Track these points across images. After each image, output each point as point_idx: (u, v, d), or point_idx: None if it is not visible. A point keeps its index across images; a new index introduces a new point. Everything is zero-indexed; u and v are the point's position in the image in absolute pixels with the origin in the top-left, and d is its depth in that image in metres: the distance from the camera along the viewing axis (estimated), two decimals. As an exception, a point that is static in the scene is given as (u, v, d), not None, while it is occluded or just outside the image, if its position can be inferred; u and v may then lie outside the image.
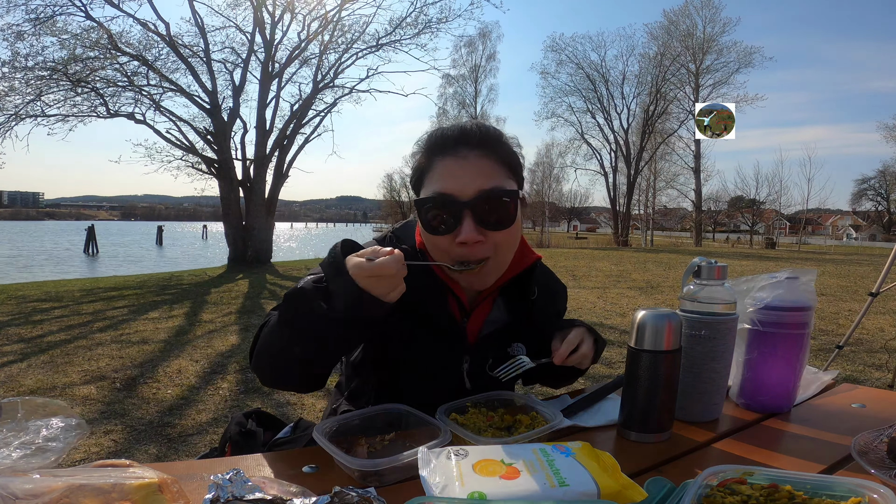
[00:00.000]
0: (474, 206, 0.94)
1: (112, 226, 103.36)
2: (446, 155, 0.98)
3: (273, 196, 14.52)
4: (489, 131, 1.01)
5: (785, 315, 1.05)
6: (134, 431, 3.14)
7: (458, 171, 0.96)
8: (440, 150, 0.99)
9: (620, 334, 5.82)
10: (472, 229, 0.93)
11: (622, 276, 12.09)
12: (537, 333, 1.11)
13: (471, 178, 0.95)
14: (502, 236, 0.97)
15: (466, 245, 0.94)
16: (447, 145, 0.99)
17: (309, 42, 14.50)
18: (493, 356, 1.08)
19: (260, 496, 0.65)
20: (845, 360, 4.76)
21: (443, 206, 0.95)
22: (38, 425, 0.69)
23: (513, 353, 1.08)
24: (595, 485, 0.67)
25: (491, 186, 0.95)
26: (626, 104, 37.04)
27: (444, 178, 0.96)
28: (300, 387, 1.03)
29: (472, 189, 0.94)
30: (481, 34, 34.44)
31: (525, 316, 1.12)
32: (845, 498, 0.65)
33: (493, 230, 0.96)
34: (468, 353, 1.08)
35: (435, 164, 0.99)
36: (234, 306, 7.62)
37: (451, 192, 0.94)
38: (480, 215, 0.94)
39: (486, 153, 0.98)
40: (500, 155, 0.99)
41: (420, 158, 1.03)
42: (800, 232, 46.32)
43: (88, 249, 26.99)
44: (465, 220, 0.94)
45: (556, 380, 1.26)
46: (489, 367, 1.07)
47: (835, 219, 75.08)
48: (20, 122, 12.62)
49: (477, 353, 1.08)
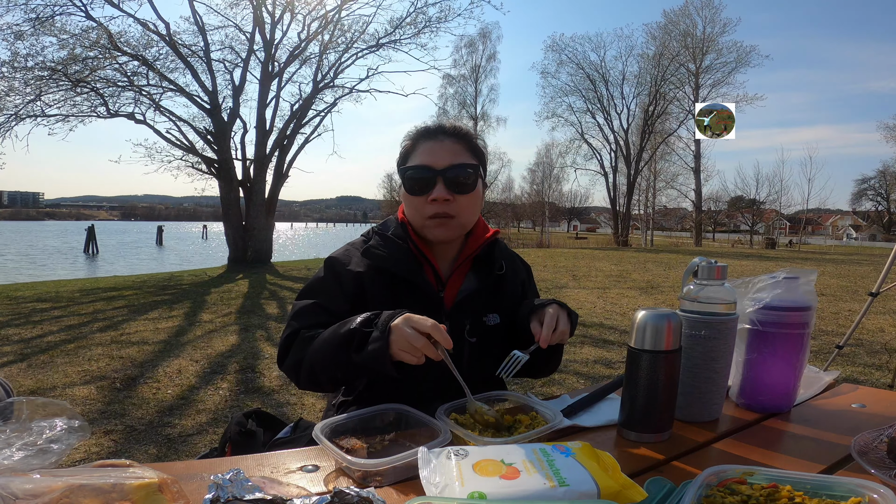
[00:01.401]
0: (445, 173, 1.20)
1: (112, 226, 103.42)
2: (428, 139, 1.25)
3: (273, 196, 14.52)
4: (462, 127, 1.29)
5: (785, 315, 1.05)
6: (134, 431, 3.14)
7: (435, 149, 1.22)
8: (423, 136, 1.26)
9: (620, 334, 5.82)
10: (442, 190, 1.19)
11: (622, 276, 12.09)
12: (509, 302, 1.30)
13: (444, 154, 1.21)
14: (465, 199, 1.22)
15: (437, 202, 1.20)
16: (430, 133, 1.26)
17: (309, 42, 14.50)
18: (468, 321, 1.23)
19: (260, 496, 0.65)
20: (845, 360, 4.76)
21: (422, 172, 1.21)
22: (41, 426, 0.69)
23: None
24: (595, 485, 0.67)
25: (459, 161, 1.21)
26: (626, 104, 37.00)
27: (424, 153, 1.23)
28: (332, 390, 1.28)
29: (445, 162, 1.20)
30: (482, 34, 34.39)
31: (494, 286, 1.29)
32: (845, 498, 0.65)
33: (458, 193, 1.21)
34: (446, 318, 1.21)
35: (418, 146, 1.25)
36: (234, 306, 7.62)
37: (428, 163, 1.21)
38: (450, 180, 1.20)
39: (458, 140, 1.25)
40: (468, 144, 1.26)
41: (407, 144, 1.28)
42: (800, 232, 46.29)
43: (88, 249, 27.00)
44: (438, 184, 1.20)
45: (545, 363, 1.31)
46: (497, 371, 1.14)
47: (835, 219, 75.05)
48: (20, 122, 12.60)
49: (454, 318, 1.22)
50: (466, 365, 1.21)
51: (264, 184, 14.26)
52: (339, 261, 1.25)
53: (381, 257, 1.22)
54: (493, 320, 1.25)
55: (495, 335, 1.25)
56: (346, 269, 1.23)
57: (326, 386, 1.16)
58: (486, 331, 1.24)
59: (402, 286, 1.21)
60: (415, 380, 1.19)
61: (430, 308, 1.19)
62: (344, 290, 1.21)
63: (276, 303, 7.98)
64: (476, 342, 1.22)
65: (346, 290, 1.21)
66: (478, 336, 1.23)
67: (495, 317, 1.26)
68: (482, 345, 1.23)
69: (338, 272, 1.23)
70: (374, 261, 1.22)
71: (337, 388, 1.25)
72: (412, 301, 1.20)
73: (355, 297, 1.20)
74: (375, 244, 1.25)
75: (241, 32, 14.26)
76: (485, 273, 1.28)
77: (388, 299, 1.20)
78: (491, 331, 1.25)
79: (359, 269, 1.23)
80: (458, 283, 1.27)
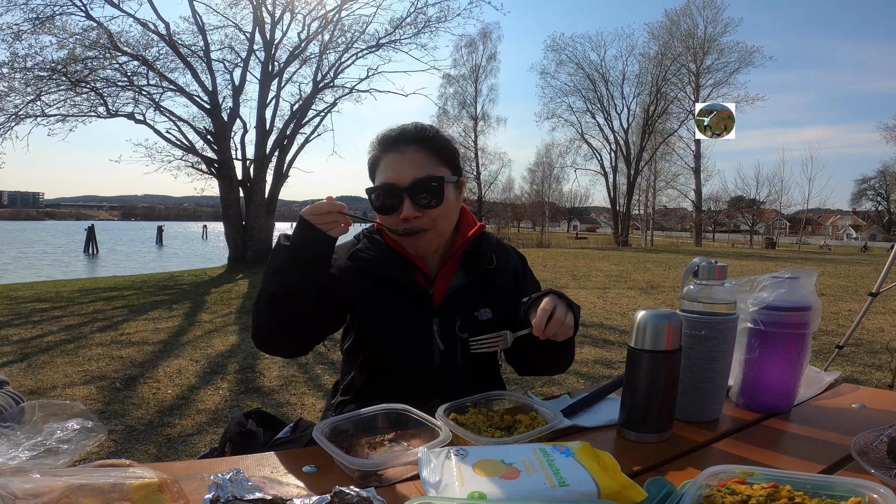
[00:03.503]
0: (410, 190, 1.17)
1: (112, 226, 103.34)
2: (389, 151, 1.22)
3: (273, 196, 14.51)
4: (424, 130, 1.24)
5: (786, 315, 1.05)
6: (134, 431, 3.14)
7: (398, 163, 1.19)
8: (385, 146, 1.23)
9: (620, 334, 5.82)
10: (410, 208, 1.17)
11: (622, 276, 12.08)
12: (501, 296, 1.28)
13: (407, 169, 1.18)
14: (437, 212, 1.19)
15: (407, 220, 1.18)
16: (390, 143, 1.22)
17: (309, 42, 14.50)
18: (459, 317, 1.22)
19: (260, 496, 0.65)
20: (845, 360, 4.76)
21: (387, 193, 1.19)
22: (53, 428, 0.69)
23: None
24: (595, 485, 0.67)
25: (423, 175, 1.18)
26: (626, 104, 37.04)
27: (387, 170, 1.20)
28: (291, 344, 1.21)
29: (409, 177, 1.17)
30: (482, 34, 34.44)
31: (484, 281, 1.27)
32: (845, 498, 0.64)
33: (427, 208, 1.18)
34: (436, 315, 1.22)
35: (382, 158, 1.22)
36: (234, 306, 7.62)
37: (392, 181, 1.18)
38: (416, 197, 1.17)
39: (421, 147, 1.21)
40: (433, 148, 1.22)
41: (374, 152, 1.25)
42: (800, 232, 46.25)
43: (88, 249, 26.99)
44: (405, 202, 1.17)
45: (553, 359, 1.26)
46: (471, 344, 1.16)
47: (835, 219, 75.01)
48: (20, 123, 12.61)
49: (444, 314, 1.22)
50: (460, 361, 1.21)
51: (264, 184, 14.26)
52: None
53: (368, 260, 1.24)
54: (485, 315, 1.24)
55: (488, 330, 1.23)
56: None
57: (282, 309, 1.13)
58: (478, 326, 1.23)
59: (390, 287, 1.22)
60: (413, 379, 1.20)
61: (419, 307, 1.22)
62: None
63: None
64: (468, 338, 1.21)
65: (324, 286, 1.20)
66: (470, 332, 1.21)
67: (487, 311, 1.25)
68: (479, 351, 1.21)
69: None
70: (361, 264, 1.24)
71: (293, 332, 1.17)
72: (401, 301, 1.21)
73: (333, 293, 1.19)
74: (363, 247, 1.26)
75: (241, 32, 14.28)
76: (473, 268, 1.27)
77: (376, 300, 1.21)
78: (483, 326, 1.23)
79: (340, 264, 1.25)
80: (447, 280, 1.26)
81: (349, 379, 1.29)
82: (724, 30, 34.32)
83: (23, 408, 0.73)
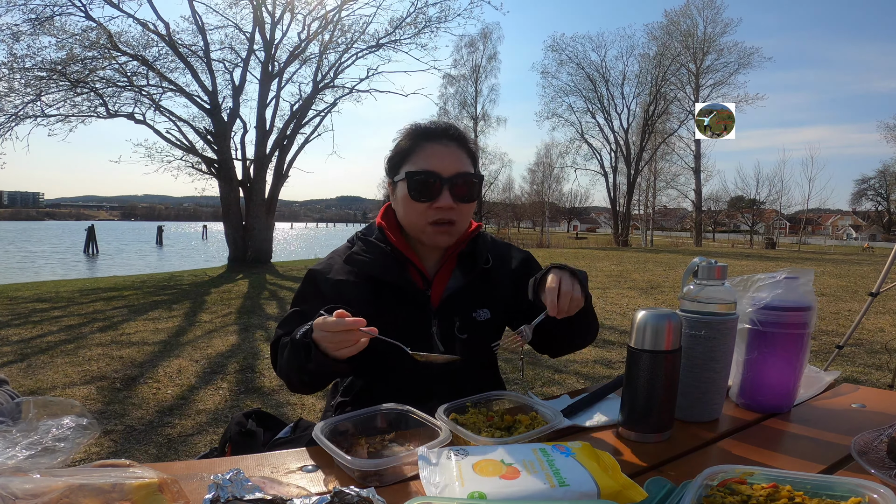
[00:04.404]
0: (453, 182, 1.19)
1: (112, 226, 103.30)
2: (433, 141, 1.22)
3: (273, 196, 14.51)
4: (463, 131, 1.29)
5: (785, 315, 1.05)
6: (134, 431, 3.14)
7: (441, 154, 1.21)
8: (427, 137, 1.23)
9: (620, 334, 5.82)
10: (448, 198, 1.19)
11: (622, 276, 12.08)
12: (499, 296, 1.29)
13: (451, 161, 1.20)
14: (467, 207, 1.23)
15: (442, 209, 1.19)
16: (435, 134, 1.23)
17: (309, 42, 14.50)
18: (457, 318, 1.22)
19: (260, 496, 0.65)
20: (845, 360, 4.76)
21: (429, 178, 1.19)
22: (48, 425, 0.69)
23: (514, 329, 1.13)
24: (595, 485, 0.67)
25: (465, 170, 1.22)
26: (626, 104, 36.98)
27: (431, 157, 1.20)
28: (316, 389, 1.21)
29: (452, 170, 1.19)
30: (482, 34, 34.41)
31: (481, 281, 1.27)
32: (845, 498, 0.64)
33: (462, 202, 1.21)
34: (435, 316, 1.22)
35: (422, 146, 1.22)
36: (234, 306, 7.62)
37: (436, 169, 1.19)
38: (456, 190, 1.19)
39: (461, 146, 1.24)
40: (469, 151, 1.27)
41: (404, 142, 1.25)
42: (800, 232, 46.23)
43: (88, 249, 26.99)
44: (444, 192, 1.19)
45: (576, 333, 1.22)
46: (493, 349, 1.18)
47: (835, 219, 74.98)
48: (20, 123, 12.60)
49: (443, 316, 1.22)
50: (459, 362, 1.20)
51: (264, 184, 14.25)
52: (318, 272, 1.27)
53: (364, 263, 1.23)
54: (483, 315, 1.24)
55: (486, 330, 1.25)
56: (326, 279, 1.24)
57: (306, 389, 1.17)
58: (476, 327, 1.23)
59: (387, 290, 1.21)
60: (413, 379, 1.20)
61: (417, 308, 1.22)
62: (324, 299, 1.20)
63: (276, 303, 7.98)
64: (467, 338, 1.22)
65: (326, 299, 1.20)
66: (468, 332, 1.22)
67: (485, 312, 1.25)
68: (473, 341, 1.22)
69: (317, 282, 1.25)
70: (358, 267, 1.23)
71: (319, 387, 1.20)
72: (398, 303, 1.21)
73: (336, 303, 1.17)
74: (359, 250, 1.26)
75: (241, 32, 14.27)
76: (470, 268, 1.27)
77: (373, 304, 1.20)
78: (481, 326, 1.24)
79: (339, 276, 1.24)
80: (444, 281, 1.26)
81: (349, 380, 1.29)
82: (723, 30, 34.33)
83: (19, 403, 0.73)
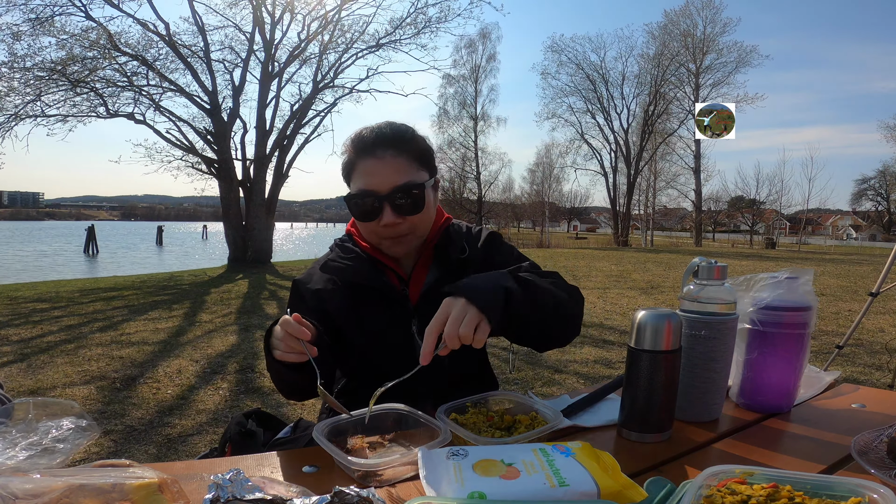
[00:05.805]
0: (391, 198, 1.14)
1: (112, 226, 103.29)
2: (367, 155, 1.16)
3: (273, 196, 14.52)
4: (401, 132, 1.19)
5: (785, 315, 1.05)
6: (134, 431, 3.14)
7: (377, 170, 1.15)
8: (361, 150, 1.17)
9: (620, 334, 5.82)
10: (391, 216, 1.14)
11: (622, 276, 12.08)
12: None
13: (387, 175, 1.14)
14: (417, 218, 1.17)
15: (389, 227, 1.15)
16: (366, 147, 1.16)
17: (309, 42, 14.50)
18: None
19: (260, 496, 0.65)
20: (845, 360, 4.76)
21: (367, 200, 1.15)
22: (48, 426, 0.69)
23: None
24: (595, 485, 0.67)
25: (403, 182, 1.14)
26: (626, 104, 36.97)
27: (365, 175, 1.15)
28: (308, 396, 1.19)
29: (389, 184, 1.13)
30: (482, 35, 34.35)
31: (458, 272, 1.20)
32: (845, 498, 0.64)
33: (408, 215, 1.15)
34: (414, 314, 1.20)
35: (358, 162, 1.17)
36: (234, 306, 7.62)
37: (372, 188, 1.14)
38: (396, 205, 1.14)
39: (399, 152, 1.16)
40: (410, 151, 1.17)
41: (349, 155, 1.20)
42: (800, 232, 46.20)
43: (88, 249, 26.99)
44: (385, 209, 1.14)
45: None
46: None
47: (835, 219, 74.95)
48: (20, 123, 12.63)
49: (423, 313, 1.18)
50: (445, 358, 1.17)
51: (264, 184, 14.26)
52: (300, 282, 1.27)
53: (339, 269, 1.22)
54: None
55: None
56: (307, 288, 1.24)
57: (287, 392, 1.17)
58: None
59: (365, 293, 1.21)
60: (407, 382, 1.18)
61: (397, 309, 1.21)
62: (308, 308, 1.20)
63: (276, 303, 7.98)
64: None
65: (309, 308, 1.20)
66: None
67: None
68: None
69: (301, 292, 1.25)
70: (335, 274, 1.23)
71: (296, 394, 1.18)
72: (378, 306, 1.20)
73: (319, 312, 1.20)
74: (335, 257, 1.25)
75: (240, 32, 14.29)
76: (446, 260, 1.24)
77: (350, 309, 1.20)
78: None
79: (318, 286, 1.23)
80: (422, 277, 1.25)
81: (342, 385, 1.30)
82: (722, 30, 34.33)
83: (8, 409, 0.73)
